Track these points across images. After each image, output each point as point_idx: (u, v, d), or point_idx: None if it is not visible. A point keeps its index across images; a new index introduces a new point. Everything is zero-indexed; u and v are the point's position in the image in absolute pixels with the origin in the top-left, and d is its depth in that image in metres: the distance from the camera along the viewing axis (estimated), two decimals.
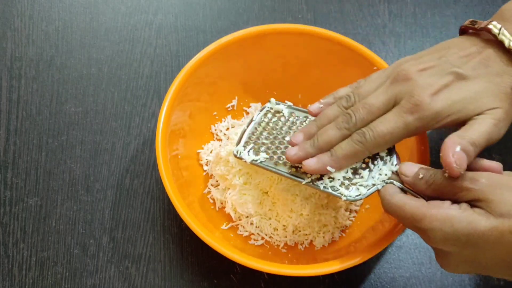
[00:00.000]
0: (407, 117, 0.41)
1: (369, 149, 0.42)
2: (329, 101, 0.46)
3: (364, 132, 0.42)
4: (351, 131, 0.43)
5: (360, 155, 0.43)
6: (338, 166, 0.43)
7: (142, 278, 0.52)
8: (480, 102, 0.41)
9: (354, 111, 0.43)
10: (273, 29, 0.55)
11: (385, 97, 0.42)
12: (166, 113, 0.50)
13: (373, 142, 0.42)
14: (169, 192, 0.47)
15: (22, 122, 0.59)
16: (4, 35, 0.64)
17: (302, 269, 0.45)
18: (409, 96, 0.41)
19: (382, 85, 0.43)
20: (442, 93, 0.41)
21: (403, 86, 0.42)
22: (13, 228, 0.54)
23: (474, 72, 0.42)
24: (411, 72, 0.42)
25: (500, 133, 0.41)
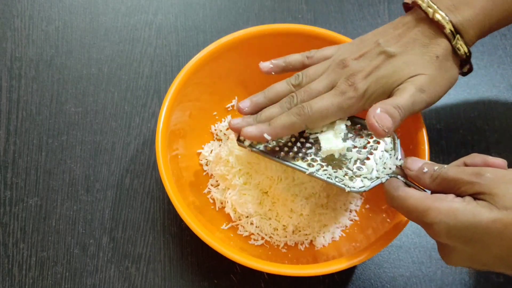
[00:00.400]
0: (341, 96, 0.45)
1: (305, 121, 0.46)
2: (279, 63, 0.51)
3: (303, 106, 0.46)
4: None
5: (297, 126, 0.46)
6: (274, 134, 0.46)
7: (142, 278, 0.52)
8: (402, 72, 0.45)
9: (297, 94, 0.47)
10: (273, 29, 0.55)
11: (326, 82, 0.47)
12: (166, 113, 0.50)
13: (309, 115, 0.45)
14: (169, 192, 0.47)
15: (22, 122, 0.59)
16: (4, 35, 0.64)
17: (302, 269, 0.45)
18: (345, 79, 0.46)
19: (327, 70, 0.48)
20: (372, 74, 0.45)
21: (340, 72, 0.47)
22: (13, 228, 0.54)
23: (401, 48, 0.46)
24: (348, 60, 0.47)
25: (428, 98, 0.45)
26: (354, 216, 0.54)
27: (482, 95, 0.62)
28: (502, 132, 0.60)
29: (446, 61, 0.45)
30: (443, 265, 0.53)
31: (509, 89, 0.62)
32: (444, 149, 0.59)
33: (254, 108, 0.49)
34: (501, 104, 0.62)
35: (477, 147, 0.59)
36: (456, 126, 0.60)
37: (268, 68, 0.51)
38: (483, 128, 0.60)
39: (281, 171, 0.50)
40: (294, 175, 0.50)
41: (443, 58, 0.45)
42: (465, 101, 0.62)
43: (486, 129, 0.60)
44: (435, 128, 0.60)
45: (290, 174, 0.50)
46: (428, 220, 0.37)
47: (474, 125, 0.60)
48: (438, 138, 0.59)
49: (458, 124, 0.60)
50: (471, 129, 0.60)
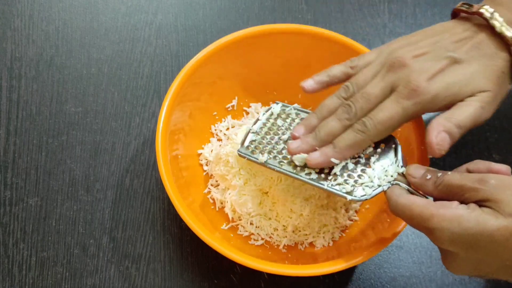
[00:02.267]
0: (405, 102, 0.42)
1: (371, 137, 0.43)
2: (322, 79, 0.47)
3: (365, 122, 0.42)
4: (352, 121, 0.43)
5: (363, 144, 0.43)
6: (341, 157, 0.43)
7: (142, 278, 0.52)
8: (473, 84, 0.42)
9: (354, 101, 0.43)
10: (273, 29, 0.55)
11: (382, 85, 0.43)
12: (166, 113, 0.50)
13: (374, 130, 0.42)
14: (169, 192, 0.47)
15: (22, 122, 0.59)
16: (4, 35, 0.64)
17: (302, 269, 0.45)
18: (406, 82, 0.42)
19: (378, 73, 0.44)
20: (438, 77, 0.42)
21: (399, 73, 0.42)
22: (13, 228, 0.54)
23: (468, 55, 0.43)
24: (407, 58, 0.43)
25: (487, 116, 0.43)
26: (354, 216, 0.54)
27: None
28: (502, 132, 0.60)
29: (506, 76, 0.44)
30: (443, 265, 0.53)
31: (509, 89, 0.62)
32: None
33: (309, 133, 0.46)
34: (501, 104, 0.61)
35: (477, 147, 0.59)
36: None
37: (312, 87, 0.47)
38: (483, 128, 0.60)
39: None
40: None
41: (505, 73, 0.43)
42: None
43: (486, 129, 0.60)
44: None
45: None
46: (431, 227, 0.36)
47: None
48: None
49: None
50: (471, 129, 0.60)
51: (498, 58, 0.43)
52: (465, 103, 0.42)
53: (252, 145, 0.49)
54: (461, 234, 0.35)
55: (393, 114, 0.42)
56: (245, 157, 0.49)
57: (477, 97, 0.42)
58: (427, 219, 0.37)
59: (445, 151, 0.40)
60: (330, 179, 0.45)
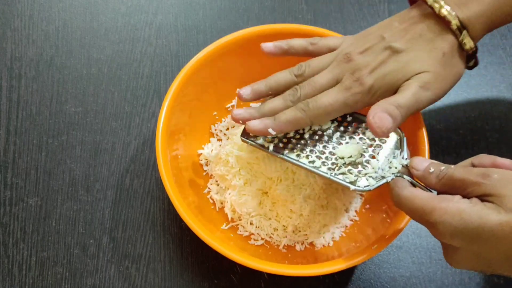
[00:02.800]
0: (346, 92, 0.45)
1: (310, 117, 0.45)
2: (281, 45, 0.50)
3: (308, 102, 0.46)
4: (295, 104, 0.47)
5: (301, 122, 0.46)
6: (279, 129, 0.46)
7: (142, 278, 0.52)
8: (408, 69, 0.45)
9: (301, 87, 0.47)
10: (273, 29, 0.55)
11: (329, 76, 0.47)
12: (166, 113, 0.50)
13: (315, 111, 0.45)
14: (169, 192, 0.47)
15: (22, 122, 0.59)
16: (4, 35, 0.64)
17: (302, 269, 0.45)
18: (350, 74, 0.46)
19: (331, 63, 0.47)
20: (378, 69, 0.45)
21: (345, 66, 0.46)
22: (13, 228, 0.54)
23: (407, 44, 0.45)
24: (353, 54, 0.46)
25: (431, 95, 0.45)
26: (354, 216, 0.54)
27: (482, 95, 0.62)
28: (502, 132, 0.60)
29: (452, 57, 0.45)
30: (443, 266, 0.53)
31: (509, 89, 0.62)
32: (444, 149, 0.59)
33: (254, 96, 0.49)
34: (501, 104, 0.62)
35: (477, 147, 0.59)
36: (456, 126, 0.60)
37: (269, 48, 0.50)
38: (483, 128, 0.60)
39: (281, 172, 0.50)
40: (294, 176, 0.50)
41: (449, 54, 0.45)
42: (465, 101, 0.62)
43: (486, 129, 0.60)
44: (435, 128, 0.60)
45: (290, 175, 0.50)
46: (433, 220, 0.36)
47: (474, 125, 0.60)
48: (438, 138, 0.59)
49: (458, 124, 0.60)
50: (471, 129, 0.60)
51: (439, 40, 0.45)
52: (404, 86, 0.44)
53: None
54: (463, 228, 0.35)
55: (334, 101, 0.45)
56: (248, 142, 0.48)
57: (414, 79, 0.44)
58: (429, 212, 0.37)
59: (388, 130, 0.42)
60: (333, 169, 0.45)
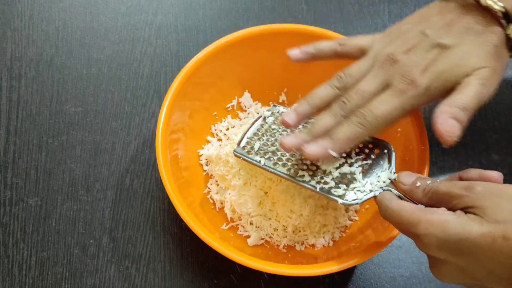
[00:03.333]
0: (402, 96, 0.42)
1: (369, 130, 0.42)
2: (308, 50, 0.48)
3: (365, 114, 0.42)
4: (346, 117, 0.43)
5: (361, 137, 0.43)
6: (339, 149, 0.42)
7: (142, 278, 0.52)
8: (465, 65, 0.42)
9: (349, 98, 0.43)
10: (273, 29, 0.55)
11: (377, 82, 0.43)
12: (166, 113, 0.50)
13: (375, 123, 0.42)
14: (169, 192, 0.47)
15: (22, 122, 0.59)
16: (4, 35, 0.64)
17: (302, 269, 0.45)
18: (401, 77, 0.42)
19: (371, 68, 0.44)
20: (430, 68, 0.42)
21: (392, 69, 0.43)
22: (13, 228, 0.54)
23: (457, 39, 0.42)
24: (397, 55, 0.43)
25: (489, 91, 0.42)
26: (354, 216, 0.54)
27: None
28: (502, 132, 0.60)
29: (502, 49, 0.43)
30: None
31: (509, 89, 0.62)
32: (444, 149, 0.59)
33: (300, 120, 0.45)
34: (501, 104, 0.62)
35: (477, 147, 0.59)
36: None
37: (296, 55, 0.48)
38: (483, 128, 0.60)
39: None
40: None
41: (500, 46, 0.43)
42: None
43: (486, 129, 0.60)
44: None
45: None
46: (418, 232, 0.37)
47: (474, 125, 0.60)
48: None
49: None
50: (471, 129, 0.60)
51: (489, 33, 0.42)
52: (464, 84, 0.42)
53: (248, 145, 0.49)
54: (447, 240, 0.35)
55: (392, 108, 0.42)
56: (241, 157, 0.49)
57: (474, 75, 0.42)
58: (415, 224, 0.37)
59: (457, 137, 0.40)
60: (322, 182, 0.45)
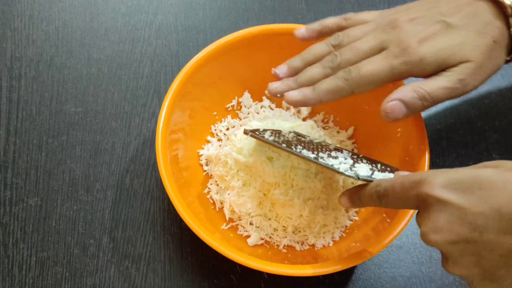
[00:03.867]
0: (394, 60, 0.42)
1: (352, 86, 0.42)
2: (314, 27, 0.48)
3: (350, 70, 0.42)
4: (334, 71, 0.44)
5: (342, 91, 0.43)
6: (319, 99, 0.43)
7: (142, 278, 0.52)
8: (462, 52, 0.41)
9: (341, 52, 0.44)
10: (273, 29, 0.55)
11: (373, 42, 0.43)
12: (166, 113, 0.50)
13: (357, 80, 0.42)
14: (169, 192, 0.47)
15: (22, 122, 0.59)
16: (4, 35, 0.64)
17: (302, 269, 0.45)
18: (397, 41, 0.42)
19: (372, 31, 0.44)
20: (429, 40, 0.42)
21: (391, 33, 0.43)
22: (13, 228, 0.54)
23: (462, 22, 0.42)
24: (400, 21, 0.43)
25: (467, 89, 0.42)
26: (354, 216, 0.54)
27: (482, 95, 0.62)
28: (502, 132, 0.60)
29: (498, 47, 0.43)
30: None
31: (509, 89, 0.62)
32: (444, 149, 0.59)
33: (291, 73, 0.46)
34: (501, 104, 0.61)
35: (477, 147, 0.59)
36: (456, 126, 0.60)
37: (303, 34, 0.48)
38: (483, 128, 0.60)
39: (279, 177, 0.50)
40: (293, 182, 0.50)
41: (498, 43, 0.42)
42: (465, 101, 0.62)
43: (486, 129, 0.60)
44: (435, 128, 0.60)
45: (288, 181, 0.50)
46: (425, 177, 0.35)
47: (474, 125, 0.60)
48: (438, 138, 0.59)
49: (458, 124, 0.60)
50: (471, 129, 0.60)
51: (493, 26, 0.42)
52: (444, 74, 0.42)
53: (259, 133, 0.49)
54: (457, 178, 0.34)
55: (380, 69, 0.42)
56: (249, 133, 0.47)
57: (458, 68, 0.42)
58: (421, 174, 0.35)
59: (395, 119, 0.41)
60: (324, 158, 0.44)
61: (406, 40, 0.42)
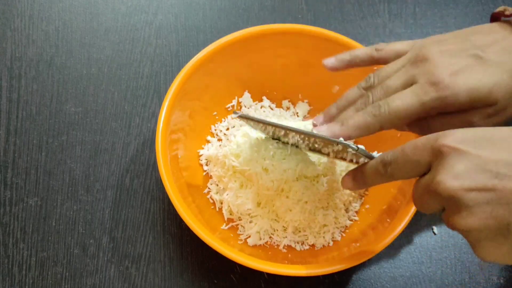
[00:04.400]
0: (424, 95, 0.40)
1: (381, 123, 0.41)
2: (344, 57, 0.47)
3: (380, 106, 0.41)
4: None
5: (371, 128, 0.41)
6: (347, 134, 0.42)
7: (142, 278, 0.52)
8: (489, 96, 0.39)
9: (372, 92, 0.42)
10: (273, 29, 0.55)
11: (403, 78, 0.41)
12: (166, 113, 0.50)
13: (387, 116, 0.41)
14: (169, 192, 0.47)
15: (22, 122, 0.59)
16: (4, 35, 0.64)
17: (302, 269, 0.45)
18: (428, 74, 0.40)
19: (403, 67, 0.43)
20: (461, 74, 0.39)
21: (422, 66, 0.41)
22: (13, 228, 0.54)
23: (496, 57, 0.40)
24: (432, 53, 0.41)
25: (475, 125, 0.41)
26: (354, 216, 0.54)
27: None
28: None
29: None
30: (443, 266, 0.53)
31: None
32: None
33: (328, 122, 0.45)
34: None
35: None
36: None
37: (333, 64, 0.47)
38: None
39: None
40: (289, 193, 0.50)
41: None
42: None
43: None
44: None
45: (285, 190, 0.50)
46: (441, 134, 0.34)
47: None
48: None
49: None
50: None
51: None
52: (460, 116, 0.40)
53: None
54: (475, 135, 0.33)
55: (409, 105, 0.40)
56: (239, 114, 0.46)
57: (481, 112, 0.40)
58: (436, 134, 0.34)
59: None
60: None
61: (438, 74, 0.40)
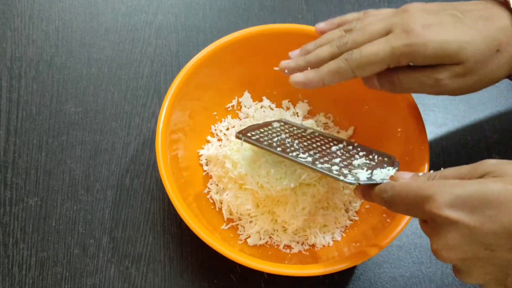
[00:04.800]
0: (395, 42, 0.41)
1: (352, 67, 0.43)
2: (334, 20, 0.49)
3: (353, 51, 0.43)
4: (341, 50, 0.44)
5: (344, 73, 0.43)
6: (321, 80, 0.44)
7: (142, 278, 0.52)
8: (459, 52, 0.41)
9: (350, 33, 0.45)
10: (273, 29, 0.55)
11: (381, 25, 0.43)
12: (166, 113, 0.50)
13: (358, 60, 0.42)
14: (169, 192, 0.47)
15: (22, 122, 0.59)
16: (4, 35, 0.64)
17: (302, 269, 0.45)
18: (403, 24, 0.42)
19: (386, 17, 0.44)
20: (434, 27, 0.41)
21: (400, 17, 0.43)
22: (13, 228, 0.54)
23: (472, 21, 0.42)
24: (413, 8, 0.43)
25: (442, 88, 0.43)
26: (354, 216, 0.54)
27: (482, 95, 0.62)
28: (502, 132, 0.60)
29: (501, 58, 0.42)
30: (443, 266, 0.53)
31: (509, 89, 0.62)
32: (444, 149, 0.59)
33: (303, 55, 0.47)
34: (501, 104, 0.62)
35: (477, 147, 0.59)
36: (456, 126, 0.60)
37: (322, 27, 0.49)
38: (483, 128, 0.60)
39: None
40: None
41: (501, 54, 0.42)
42: (466, 101, 0.62)
43: (486, 129, 0.60)
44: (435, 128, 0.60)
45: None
46: (432, 192, 0.34)
47: (474, 125, 0.60)
48: (438, 138, 0.59)
49: (458, 124, 0.60)
50: (471, 129, 0.60)
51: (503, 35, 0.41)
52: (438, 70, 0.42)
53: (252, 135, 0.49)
54: (464, 195, 0.33)
55: (380, 50, 0.42)
56: (242, 138, 0.48)
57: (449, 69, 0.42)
58: (427, 187, 0.35)
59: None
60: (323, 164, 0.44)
61: (412, 23, 0.41)
